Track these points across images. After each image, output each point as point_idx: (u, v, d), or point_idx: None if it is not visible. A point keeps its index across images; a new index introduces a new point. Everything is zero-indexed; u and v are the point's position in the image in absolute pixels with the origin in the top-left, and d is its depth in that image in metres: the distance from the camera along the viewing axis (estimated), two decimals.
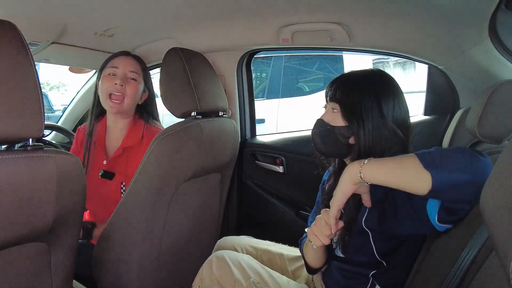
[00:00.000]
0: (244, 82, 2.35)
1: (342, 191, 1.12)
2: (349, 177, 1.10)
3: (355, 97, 1.27)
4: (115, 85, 1.81)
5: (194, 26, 1.96)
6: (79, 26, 1.80)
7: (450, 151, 1.02)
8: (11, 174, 0.92)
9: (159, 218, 1.58)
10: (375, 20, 1.70)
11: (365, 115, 1.24)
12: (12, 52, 0.92)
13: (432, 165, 0.98)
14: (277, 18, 1.82)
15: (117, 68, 1.85)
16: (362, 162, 1.08)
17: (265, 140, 2.39)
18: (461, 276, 1.00)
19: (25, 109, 0.92)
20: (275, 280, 1.44)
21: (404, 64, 6.69)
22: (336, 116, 1.30)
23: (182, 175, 1.60)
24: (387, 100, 1.26)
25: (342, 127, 1.28)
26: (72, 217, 1.12)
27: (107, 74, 1.85)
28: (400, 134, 1.26)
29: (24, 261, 1.05)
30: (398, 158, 1.07)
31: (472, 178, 0.95)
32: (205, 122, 1.65)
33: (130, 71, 1.86)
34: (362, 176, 1.07)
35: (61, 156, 1.02)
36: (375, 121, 1.24)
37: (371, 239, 1.26)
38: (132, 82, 1.86)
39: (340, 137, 1.29)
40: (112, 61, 1.88)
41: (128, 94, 1.83)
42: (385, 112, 1.25)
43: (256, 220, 2.42)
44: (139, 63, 1.92)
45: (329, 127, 1.30)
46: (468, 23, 1.48)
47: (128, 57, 1.91)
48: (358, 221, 1.27)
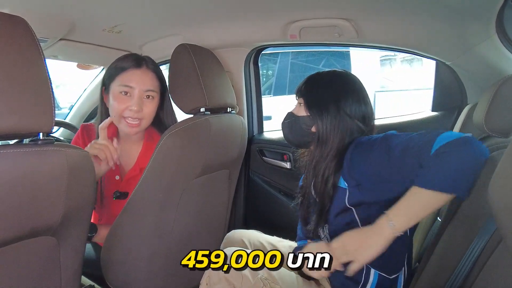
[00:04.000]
0: (252, 78, 2.35)
1: (377, 253, 1.17)
2: (386, 241, 1.16)
3: (316, 92, 1.44)
4: (131, 110, 1.60)
5: (202, 22, 1.96)
6: (87, 22, 1.79)
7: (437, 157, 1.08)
8: (22, 168, 0.93)
9: (169, 215, 1.59)
10: (383, 16, 1.71)
11: (323, 107, 1.39)
12: (23, 47, 0.93)
13: (443, 184, 1.07)
14: (285, 14, 1.82)
15: (132, 87, 1.61)
16: (391, 224, 1.14)
17: (272, 136, 2.39)
18: (469, 268, 1.00)
19: (36, 104, 0.93)
20: (282, 276, 1.44)
21: (411, 61, 6.66)
22: (302, 108, 1.45)
23: (191, 171, 1.60)
24: (345, 97, 1.39)
25: (304, 116, 1.44)
26: (81, 211, 1.13)
27: (118, 92, 1.62)
28: (360, 125, 1.38)
29: (34, 255, 1.07)
30: (411, 199, 1.13)
31: (473, 160, 1.06)
32: (214, 118, 1.65)
33: (147, 91, 1.64)
34: (398, 233, 1.15)
35: (72, 150, 1.03)
36: (331, 113, 1.37)
37: (355, 215, 1.32)
38: (149, 101, 1.65)
39: (303, 126, 1.44)
40: (123, 77, 1.63)
41: (146, 116, 1.64)
42: (342, 106, 1.38)
43: (263, 216, 2.43)
44: (156, 76, 1.68)
45: (295, 117, 1.47)
46: (476, 19, 1.50)
47: (143, 72, 1.65)
48: (339, 202, 1.34)
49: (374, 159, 1.22)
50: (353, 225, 1.31)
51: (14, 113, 0.89)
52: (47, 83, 0.96)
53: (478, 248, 0.99)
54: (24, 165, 0.93)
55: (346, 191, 1.32)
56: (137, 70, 1.64)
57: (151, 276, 1.61)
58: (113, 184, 1.74)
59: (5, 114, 0.88)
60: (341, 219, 1.34)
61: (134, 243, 1.57)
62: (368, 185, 1.26)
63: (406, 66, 6.65)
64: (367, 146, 1.27)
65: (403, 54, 5.83)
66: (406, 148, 1.14)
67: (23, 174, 0.93)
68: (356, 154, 1.29)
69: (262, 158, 2.37)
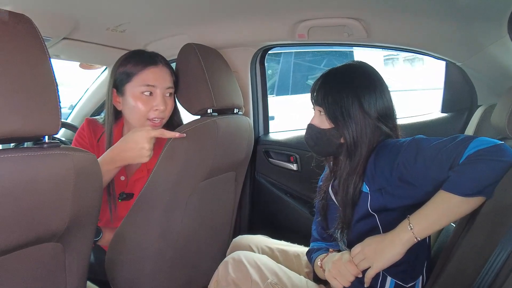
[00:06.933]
0: (258, 78, 2.32)
1: (393, 259, 1.15)
2: (404, 247, 1.13)
3: (335, 98, 1.31)
4: (156, 110, 1.56)
5: (207, 22, 1.93)
6: (91, 21, 1.76)
7: (470, 163, 1.05)
8: (27, 173, 0.88)
9: (176, 218, 1.55)
10: (394, 16, 1.68)
11: (346, 115, 1.29)
12: (28, 46, 0.88)
13: (473, 190, 1.04)
14: (294, 13, 1.79)
15: (154, 86, 1.56)
16: (410, 227, 1.12)
17: (279, 138, 2.36)
18: (492, 277, 0.97)
19: (40, 104, 0.89)
20: (293, 281, 1.42)
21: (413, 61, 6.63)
22: (323, 119, 1.34)
23: (198, 174, 1.57)
24: (367, 94, 1.30)
25: (330, 129, 1.33)
26: (88, 216, 1.09)
27: (140, 93, 1.55)
28: (384, 128, 1.30)
29: (38, 262, 1.02)
30: (437, 204, 1.11)
31: (506, 168, 1.02)
32: (222, 120, 1.61)
33: (167, 88, 1.60)
34: (418, 239, 1.12)
35: (79, 153, 0.99)
36: (356, 118, 1.28)
37: (378, 221, 1.28)
38: (169, 99, 1.62)
39: (332, 138, 1.33)
40: (143, 76, 1.56)
41: (168, 114, 1.62)
42: (366, 108, 1.29)
43: (269, 218, 2.39)
44: (170, 71, 1.64)
45: (319, 130, 1.35)
46: (487, 20, 1.48)
47: (161, 70, 1.59)
48: (362, 207, 1.29)
49: (400, 162, 1.17)
50: (375, 231, 1.28)
51: (17, 115, 0.84)
52: (53, 82, 0.92)
53: (503, 255, 0.95)
54: (29, 171, 0.89)
55: (368, 195, 1.28)
56: (155, 68, 1.58)
57: (156, 277, 1.59)
58: (118, 185, 1.69)
59: (8, 115, 0.83)
60: (363, 225, 1.31)
61: (140, 245, 1.54)
62: (391, 190, 1.22)
63: (407, 66, 6.62)
64: (393, 149, 1.22)
65: (405, 54, 5.81)
66: (436, 152, 1.11)
67: (28, 180, 0.89)
68: (381, 158, 1.25)
69: (268, 159, 2.34)
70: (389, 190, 1.22)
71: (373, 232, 1.27)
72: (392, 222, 1.20)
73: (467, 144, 1.06)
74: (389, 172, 1.21)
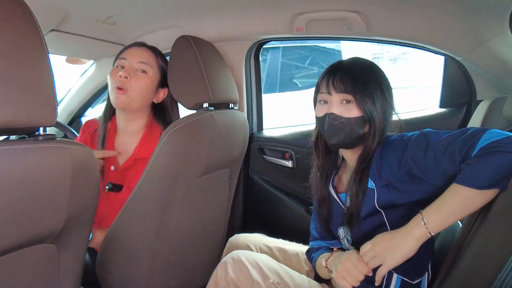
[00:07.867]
0: (252, 73, 2.26)
1: (406, 255, 1.11)
2: (417, 243, 1.10)
3: (365, 86, 1.26)
4: (120, 77, 1.59)
5: (202, 14, 1.88)
6: (81, 12, 1.69)
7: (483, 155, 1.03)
8: (21, 167, 0.81)
9: (171, 216, 1.50)
10: (395, 9, 1.66)
11: (376, 103, 1.26)
12: (22, 31, 0.81)
13: (488, 182, 1.01)
14: (292, 5, 1.75)
15: (125, 59, 1.64)
16: (423, 222, 1.08)
17: (273, 134, 2.32)
18: None
19: (35, 94, 0.82)
20: (295, 281, 1.39)
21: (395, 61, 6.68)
22: (350, 107, 1.26)
23: (194, 170, 1.52)
24: (386, 84, 1.31)
25: (358, 117, 1.26)
26: (84, 215, 1.03)
27: (115, 67, 1.65)
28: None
29: (31, 264, 0.96)
30: (450, 197, 1.07)
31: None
32: (218, 114, 1.57)
33: (139, 62, 1.64)
34: (432, 234, 1.09)
35: (76, 147, 0.92)
36: (383, 107, 1.27)
37: (385, 218, 1.25)
38: (140, 75, 1.63)
39: (355, 127, 1.26)
40: (122, 53, 1.68)
41: (133, 88, 1.61)
42: (386, 96, 1.29)
43: (263, 216, 2.35)
44: (154, 53, 1.69)
45: (343, 119, 1.26)
46: (488, 14, 1.47)
47: (140, 48, 1.69)
48: (368, 204, 1.25)
49: (409, 157, 1.14)
50: (382, 228, 1.24)
51: (9, 104, 0.77)
52: (49, 70, 0.85)
53: None
54: (23, 165, 0.82)
55: (374, 191, 1.24)
56: (136, 46, 1.70)
57: (151, 279, 1.53)
58: (107, 174, 1.71)
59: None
60: (370, 222, 1.27)
61: (134, 245, 1.48)
62: (399, 185, 1.19)
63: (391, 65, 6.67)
64: (400, 143, 1.20)
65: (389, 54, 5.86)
66: (447, 145, 1.08)
67: (22, 174, 0.81)
68: (388, 153, 1.22)
69: (262, 156, 2.29)
70: (397, 186, 1.20)
71: (380, 229, 1.24)
72: (400, 219, 1.17)
73: (480, 136, 1.04)
74: (397, 167, 1.18)
